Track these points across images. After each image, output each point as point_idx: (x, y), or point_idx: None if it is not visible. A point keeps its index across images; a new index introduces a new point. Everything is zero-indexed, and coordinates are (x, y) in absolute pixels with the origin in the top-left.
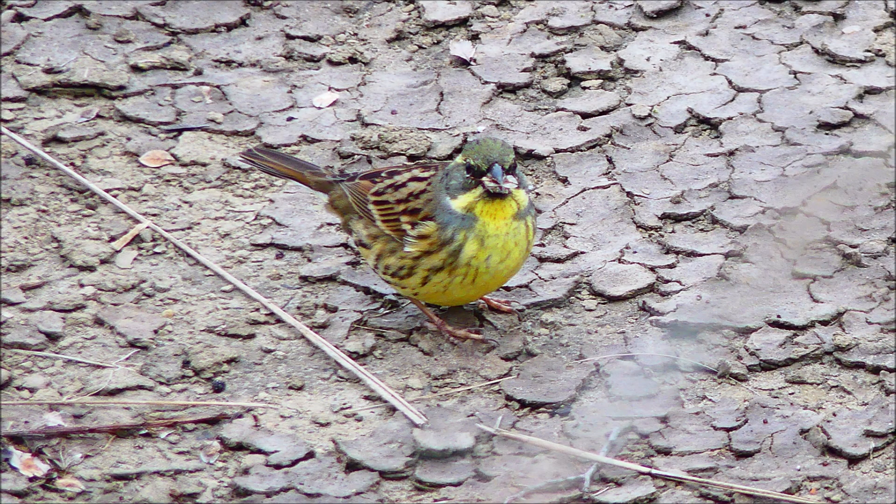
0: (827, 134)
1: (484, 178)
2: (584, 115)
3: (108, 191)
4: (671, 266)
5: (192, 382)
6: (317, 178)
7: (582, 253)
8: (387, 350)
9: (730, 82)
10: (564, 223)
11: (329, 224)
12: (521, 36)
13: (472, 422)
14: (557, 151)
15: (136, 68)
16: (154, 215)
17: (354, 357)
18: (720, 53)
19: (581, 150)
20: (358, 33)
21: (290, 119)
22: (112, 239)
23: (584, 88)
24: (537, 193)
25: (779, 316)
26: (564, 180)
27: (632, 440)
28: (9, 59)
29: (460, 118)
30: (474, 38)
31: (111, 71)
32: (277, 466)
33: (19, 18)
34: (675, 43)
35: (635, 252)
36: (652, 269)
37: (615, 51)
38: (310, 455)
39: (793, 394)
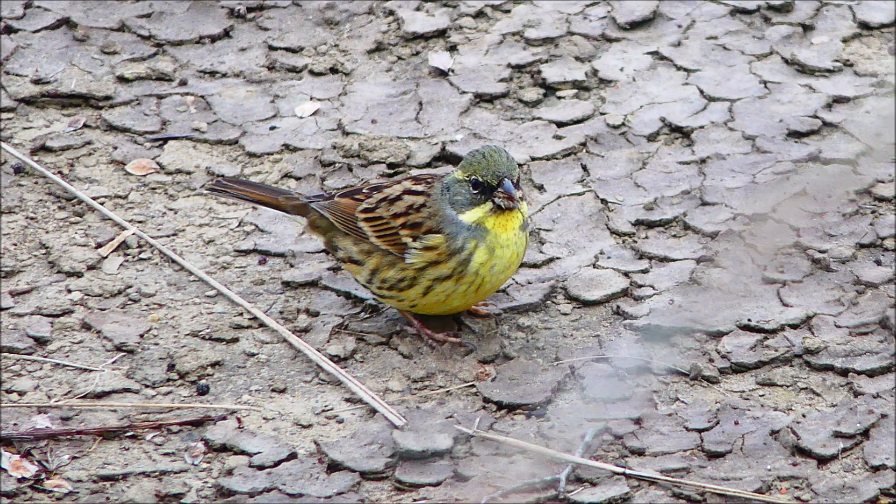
0: (796, 142)
1: (496, 195)
2: (560, 124)
3: (94, 198)
4: (644, 271)
5: (177, 385)
6: (292, 203)
7: (557, 258)
8: (367, 353)
9: (701, 92)
10: (540, 229)
11: None
12: (498, 47)
13: (451, 423)
14: (533, 159)
15: (122, 79)
16: (140, 222)
17: (336, 360)
18: (692, 64)
19: (556, 159)
20: (339, 44)
21: (272, 128)
22: (99, 245)
23: (560, 98)
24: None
25: (749, 320)
26: (540, 187)
27: (606, 441)
28: None
29: (439, 127)
30: (452, 49)
31: (98, 81)
32: (260, 467)
33: (8, 30)
34: (648, 53)
35: (609, 258)
36: (626, 274)
37: (590, 61)
38: (292, 456)
39: (763, 396)
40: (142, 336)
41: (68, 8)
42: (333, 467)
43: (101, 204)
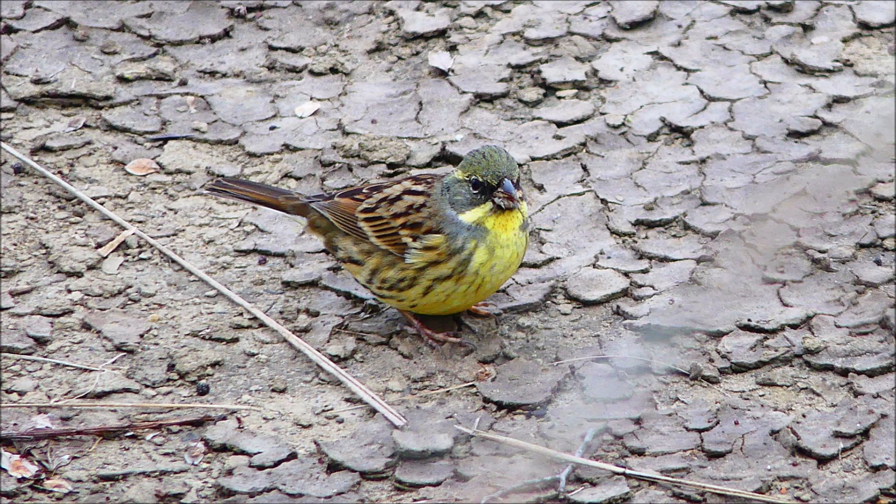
0: (796, 142)
1: (496, 195)
2: (560, 124)
3: (95, 198)
4: (644, 271)
5: (177, 385)
6: (292, 203)
7: (558, 258)
8: (367, 353)
9: (701, 92)
10: (540, 229)
11: None
12: (498, 47)
13: (451, 423)
14: (533, 159)
15: (122, 79)
16: (140, 222)
17: (336, 360)
18: (692, 64)
19: (556, 158)
20: (339, 44)
21: (272, 128)
22: (99, 245)
23: (560, 98)
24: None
25: (749, 320)
26: (540, 187)
27: (606, 441)
28: None
29: (439, 127)
30: (452, 49)
31: (98, 81)
32: (261, 467)
33: (8, 30)
34: (648, 53)
35: (609, 258)
36: (626, 274)
37: (590, 61)
38: (292, 456)
39: (763, 395)
40: (142, 336)
41: (68, 8)
42: (333, 467)
43: (101, 204)
